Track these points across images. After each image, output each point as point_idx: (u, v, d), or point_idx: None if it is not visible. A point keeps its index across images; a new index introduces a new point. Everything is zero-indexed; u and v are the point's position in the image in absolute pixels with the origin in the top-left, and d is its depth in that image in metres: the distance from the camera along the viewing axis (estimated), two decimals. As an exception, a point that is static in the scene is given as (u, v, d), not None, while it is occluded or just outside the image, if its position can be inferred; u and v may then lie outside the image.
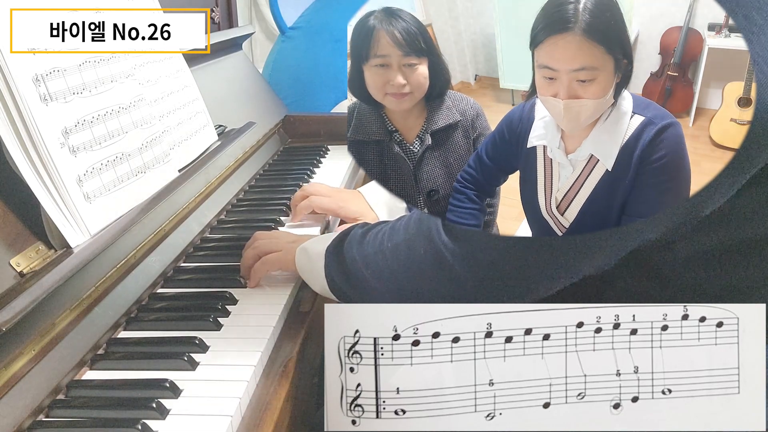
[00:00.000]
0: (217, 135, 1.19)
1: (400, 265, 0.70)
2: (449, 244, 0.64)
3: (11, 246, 0.72)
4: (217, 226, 1.08)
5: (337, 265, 0.78)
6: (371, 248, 0.73)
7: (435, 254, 0.65)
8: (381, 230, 0.74)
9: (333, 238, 0.80)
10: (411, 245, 0.68)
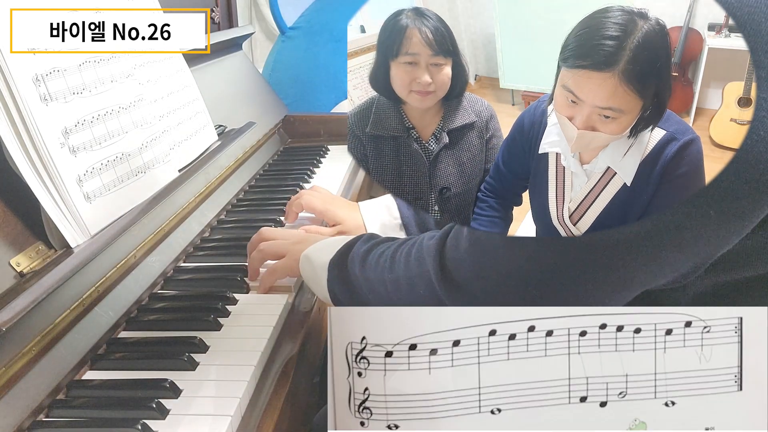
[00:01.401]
0: (217, 135, 1.19)
1: (401, 298, 0.70)
2: (446, 294, 0.64)
3: (11, 246, 0.72)
4: (217, 226, 1.08)
5: (339, 281, 0.77)
6: (373, 274, 0.73)
7: (435, 300, 0.66)
8: (382, 255, 0.73)
9: (336, 250, 0.79)
10: (411, 283, 0.68)
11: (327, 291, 0.79)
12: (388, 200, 1.05)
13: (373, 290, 0.73)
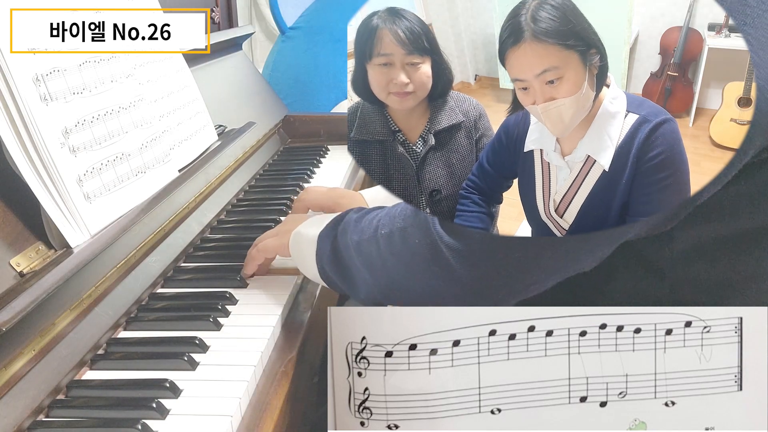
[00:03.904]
0: (217, 135, 1.19)
1: (392, 254, 0.69)
2: (445, 238, 0.63)
3: (11, 246, 0.72)
4: (217, 226, 1.08)
5: (329, 252, 0.76)
6: (365, 235, 0.72)
7: (430, 246, 0.64)
8: (376, 215, 0.72)
9: (326, 224, 0.79)
10: (405, 234, 0.67)
11: (315, 265, 0.78)
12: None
13: (361, 252, 0.72)
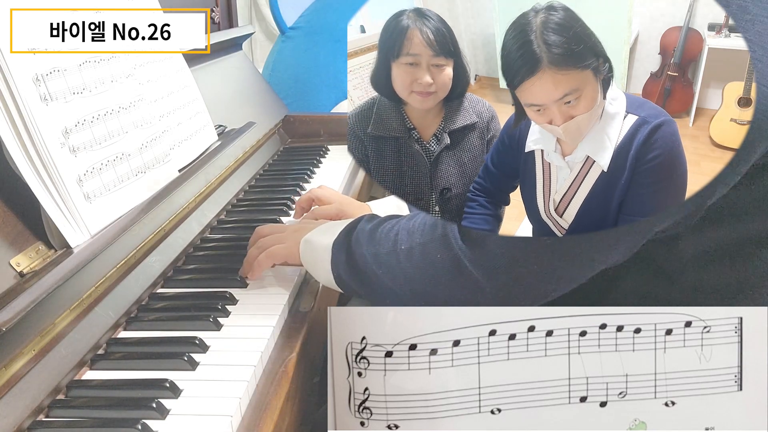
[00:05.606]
0: (217, 135, 1.19)
1: (414, 268, 0.69)
2: (467, 251, 0.64)
3: (11, 246, 0.72)
4: (217, 226, 1.08)
5: (345, 261, 0.76)
6: (383, 248, 0.72)
7: (453, 260, 0.65)
8: (392, 229, 0.73)
9: (339, 231, 0.79)
10: (426, 250, 0.68)
11: (330, 273, 0.78)
12: (398, 200, 1.04)
13: (381, 265, 0.72)
